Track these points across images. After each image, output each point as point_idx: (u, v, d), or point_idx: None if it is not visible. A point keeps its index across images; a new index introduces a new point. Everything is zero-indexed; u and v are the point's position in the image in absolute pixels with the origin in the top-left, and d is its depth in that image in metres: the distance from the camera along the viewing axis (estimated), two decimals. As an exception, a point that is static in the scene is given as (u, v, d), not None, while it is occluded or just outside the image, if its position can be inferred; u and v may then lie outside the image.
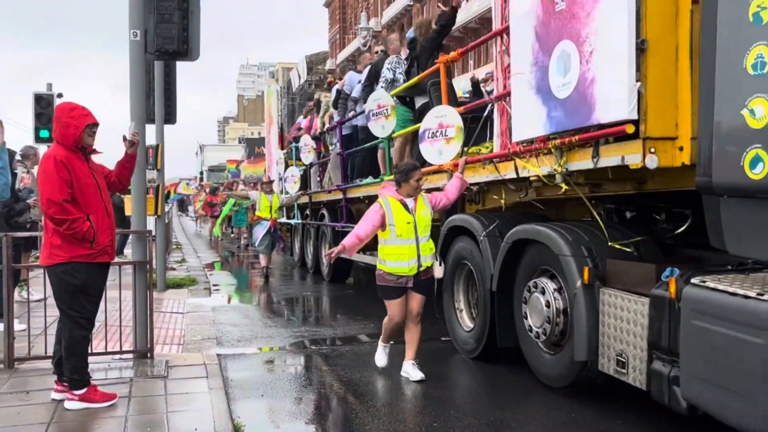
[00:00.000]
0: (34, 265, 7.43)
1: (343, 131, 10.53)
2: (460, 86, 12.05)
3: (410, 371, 5.60)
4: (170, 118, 10.25)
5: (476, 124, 6.44)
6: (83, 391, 4.67)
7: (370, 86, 9.05)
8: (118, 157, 5.22)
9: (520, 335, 5.44)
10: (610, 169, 4.30)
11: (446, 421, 4.62)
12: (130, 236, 8.41)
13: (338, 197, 10.66)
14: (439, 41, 7.34)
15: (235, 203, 19.77)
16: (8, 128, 5.41)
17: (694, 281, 3.64)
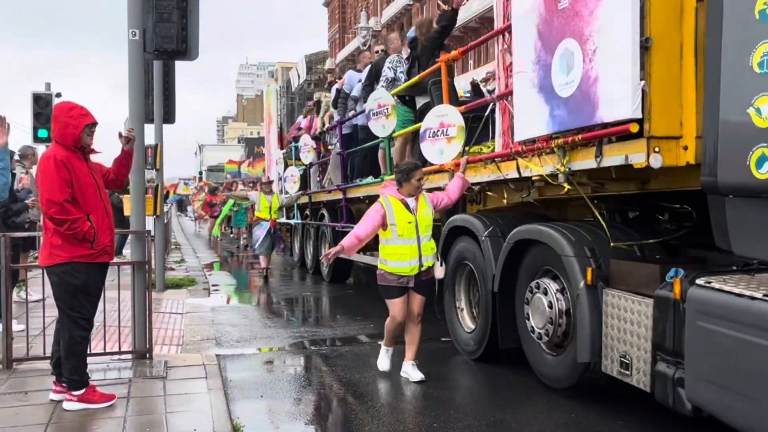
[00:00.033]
0: (32, 265, 7.41)
1: (343, 131, 10.50)
2: (460, 86, 12.00)
3: (410, 372, 5.59)
4: (169, 117, 10.22)
5: (477, 123, 6.40)
6: (82, 391, 4.65)
7: (370, 85, 9.00)
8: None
9: (522, 336, 5.41)
10: (613, 168, 4.26)
11: (446, 421, 4.61)
12: (129, 236, 8.38)
13: (338, 197, 10.63)
14: (440, 41, 7.30)
15: (234, 203, 19.72)
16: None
17: (699, 282, 3.61)
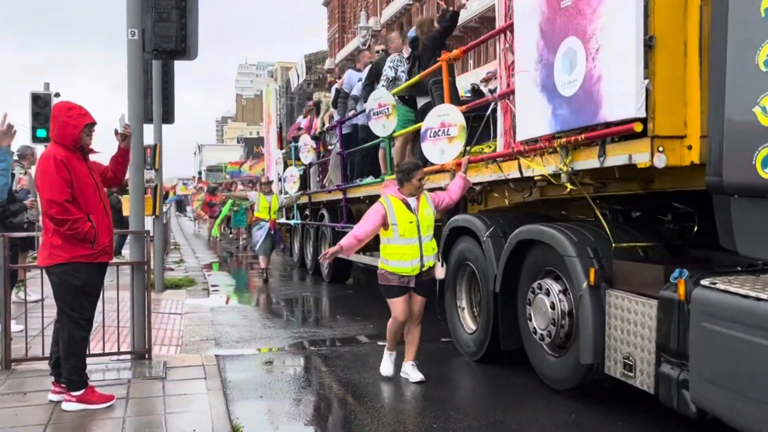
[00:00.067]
0: (31, 265, 7.40)
1: (343, 130, 10.45)
2: (460, 86, 11.96)
3: (410, 372, 5.56)
4: (168, 117, 10.18)
5: (479, 123, 6.37)
6: (81, 392, 4.64)
7: (370, 85, 8.96)
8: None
9: (524, 337, 5.37)
10: (616, 168, 4.23)
11: (446, 422, 4.60)
12: (127, 237, 8.36)
13: (338, 197, 10.59)
14: (441, 41, 7.26)
15: (233, 203, 19.68)
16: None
17: (703, 283, 3.57)
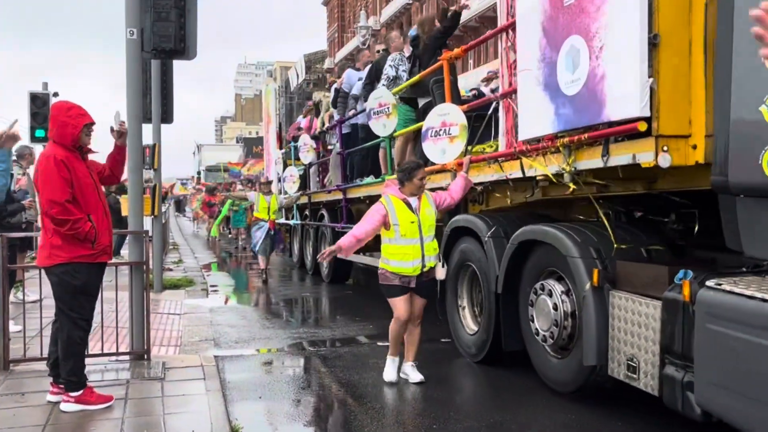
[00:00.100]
0: (29, 265, 7.39)
1: (342, 130, 10.40)
2: (460, 85, 11.92)
3: (410, 373, 5.53)
4: (167, 117, 10.17)
5: (480, 122, 6.33)
6: (79, 393, 4.63)
7: (370, 84, 8.89)
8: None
9: (526, 338, 5.32)
10: (620, 168, 4.18)
11: (446, 423, 4.59)
12: (126, 237, 8.36)
13: (338, 197, 10.54)
14: (442, 41, 7.20)
15: (233, 203, 19.64)
16: (4, 128, 5.37)
17: (709, 284, 3.53)
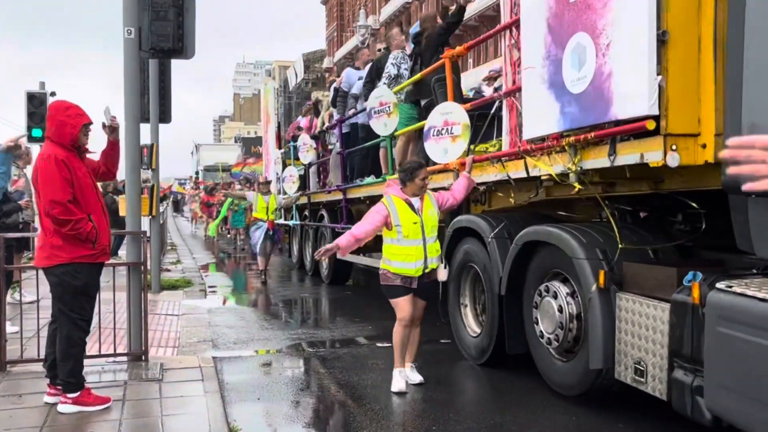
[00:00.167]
0: (26, 266, 7.36)
1: (342, 129, 10.32)
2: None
3: (409, 374, 5.46)
4: (165, 116, 10.14)
5: (483, 121, 6.25)
6: (77, 394, 4.61)
7: (371, 83, 8.80)
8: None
9: (530, 341, 5.24)
10: (627, 167, 4.11)
11: (445, 424, 4.56)
12: (124, 238, 8.32)
13: (338, 198, 10.45)
14: (445, 38, 7.11)
15: (232, 202, 19.58)
16: (4, 128, 5.31)
17: (719, 286, 3.46)
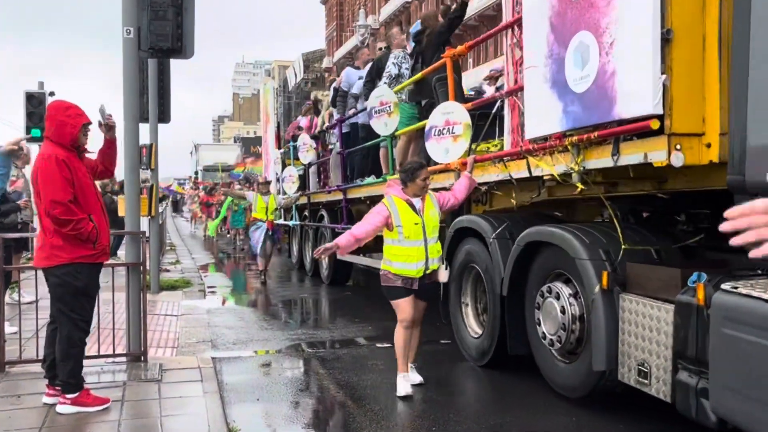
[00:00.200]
0: (25, 266, 7.34)
1: (342, 129, 10.27)
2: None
3: (409, 374, 5.39)
4: (164, 116, 10.11)
5: (484, 121, 6.21)
6: (76, 394, 4.59)
7: (371, 82, 8.75)
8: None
9: (532, 342, 5.20)
10: (631, 167, 4.07)
11: (445, 425, 4.55)
12: (124, 238, 8.30)
13: (338, 198, 10.41)
14: (447, 36, 7.07)
15: (231, 201, 19.54)
16: (3, 128, 5.29)
17: (724, 287, 3.42)
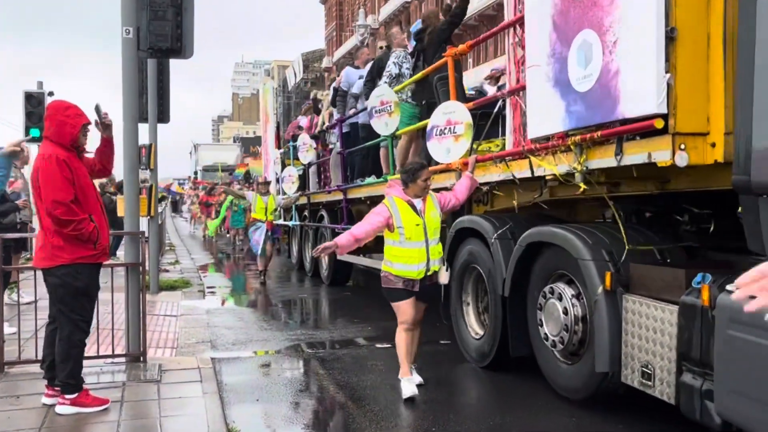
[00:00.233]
0: (24, 267, 7.30)
1: (342, 129, 10.23)
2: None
3: (413, 377, 5.34)
4: (163, 116, 10.09)
5: (485, 120, 6.17)
6: (75, 395, 4.58)
7: (372, 81, 8.70)
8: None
9: (534, 343, 5.16)
10: (634, 167, 4.03)
11: (445, 425, 4.54)
12: (123, 238, 8.29)
13: (338, 198, 10.37)
14: (448, 33, 7.02)
15: (231, 201, 19.50)
16: (3, 128, 5.25)
17: (729, 288, 3.38)
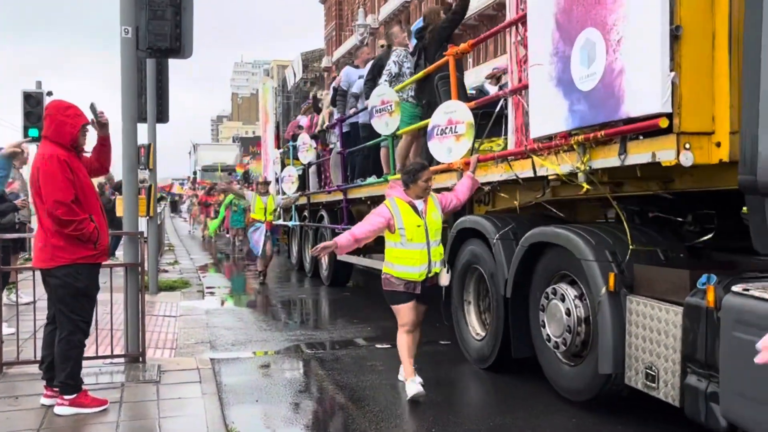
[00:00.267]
0: (23, 267, 7.27)
1: (343, 129, 10.19)
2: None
3: (416, 378, 5.31)
4: (162, 116, 10.08)
5: (487, 120, 6.13)
6: (74, 396, 4.56)
7: (372, 81, 8.66)
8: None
9: (536, 345, 5.12)
10: (638, 167, 4.00)
11: (445, 426, 4.54)
12: (122, 238, 8.27)
13: (338, 198, 10.33)
14: (450, 32, 6.98)
15: (231, 201, 19.46)
16: (3, 128, 5.22)
17: (735, 289, 3.37)
